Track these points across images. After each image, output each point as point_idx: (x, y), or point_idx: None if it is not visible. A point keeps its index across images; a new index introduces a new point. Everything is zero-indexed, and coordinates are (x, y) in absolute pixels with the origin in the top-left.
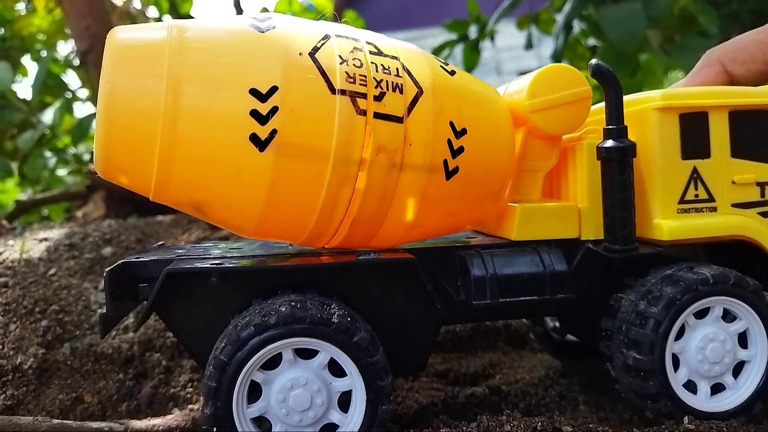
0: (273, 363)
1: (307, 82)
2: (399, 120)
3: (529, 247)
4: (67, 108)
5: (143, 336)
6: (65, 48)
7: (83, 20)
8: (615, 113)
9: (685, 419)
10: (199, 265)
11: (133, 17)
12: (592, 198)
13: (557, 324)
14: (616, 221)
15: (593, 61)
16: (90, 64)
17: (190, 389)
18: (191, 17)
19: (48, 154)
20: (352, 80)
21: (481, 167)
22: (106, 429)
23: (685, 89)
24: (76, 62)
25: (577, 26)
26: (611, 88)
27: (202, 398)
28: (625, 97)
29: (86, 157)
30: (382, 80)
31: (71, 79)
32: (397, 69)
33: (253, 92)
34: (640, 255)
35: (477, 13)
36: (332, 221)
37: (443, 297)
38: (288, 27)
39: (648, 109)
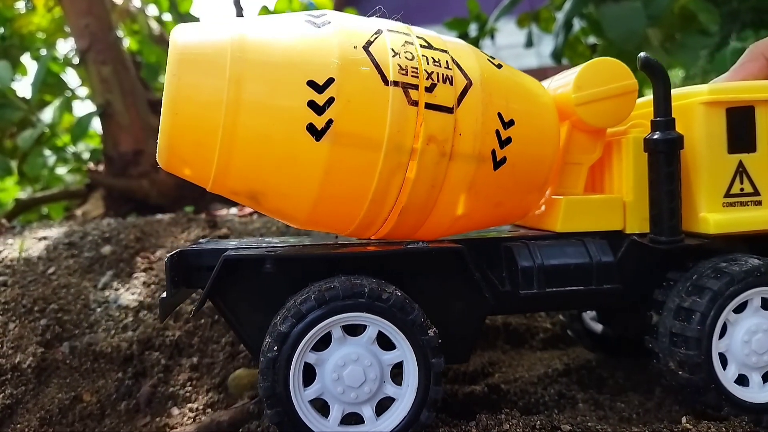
0: (323, 343)
1: (361, 74)
2: (449, 110)
3: (574, 239)
4: (66, 106)
5: (142, 335)
6: (65, 46)
7: (83, 19)
8: (663, 105)
9: (683, 419)
10: (254, 252)
11: (132, 16)
12: (637, 191)
13: (596, 320)
14: (663, 213)
15: (641, 54)
16: (89, 62)
17: (190, 388)
18: (192, 16)
19: (47, 152)
20: (404, 72)
21: (528, 158)
22: None
23: (732, 83)
24: (76, 60)
25: (578, 24)
26: (659, 80)
27: (259, 376)
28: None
29: (86, 155)
30: (432, 72)
31: (71, 77)
32: (447, 62)
33: (311, 84)
34: (685, 247)
35: (477, 11)
36: (382, 210)
37: (489, 287)
38: (342, 23)
39: (695, 103)
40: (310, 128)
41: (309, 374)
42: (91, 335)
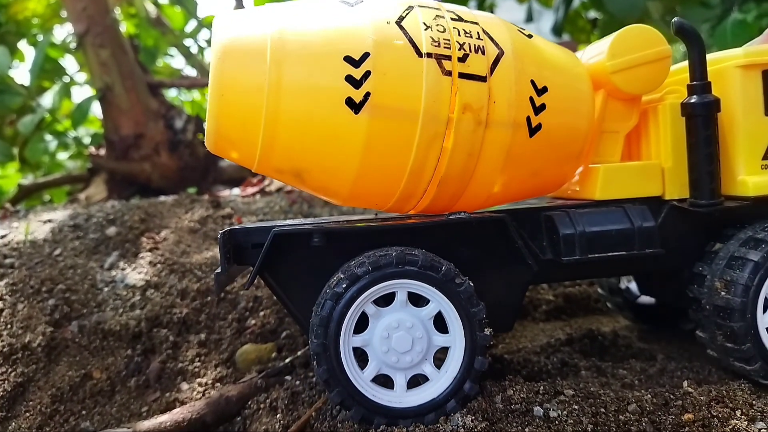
0: (387, 301)
1: (395, 47)
2: (483, 79)
3: (614, 205)
4: (65, 92)
5: (150, 313)
6: (62, 32)
7: (80, 2)
8: (699, 69)
9: (684, 383)
10: (302, 227)
11: (129, 0)
12: (676, 157)
13: (637, 290)
14: (702, 176)
15: (676, 19)
16: (87, 45)
17: (198, 363)
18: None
19: (48, 137)
20: (436, 44)
21: (563, 125)
22: None
23: (767, 46)
24: (74, 46)
25: None
26: (694, 44)
27: (312, 330)
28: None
29: (87, 140)
30: (464, 43)
31: (69, 63)
32: (478, 33)
33: (347, 59)
34: (725, 212)
35: None
36: (421, 181)
37: (531, 256)
38: (374, 1)
39: (730, 66)
40: (349, 102)
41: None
42: (99, 314)
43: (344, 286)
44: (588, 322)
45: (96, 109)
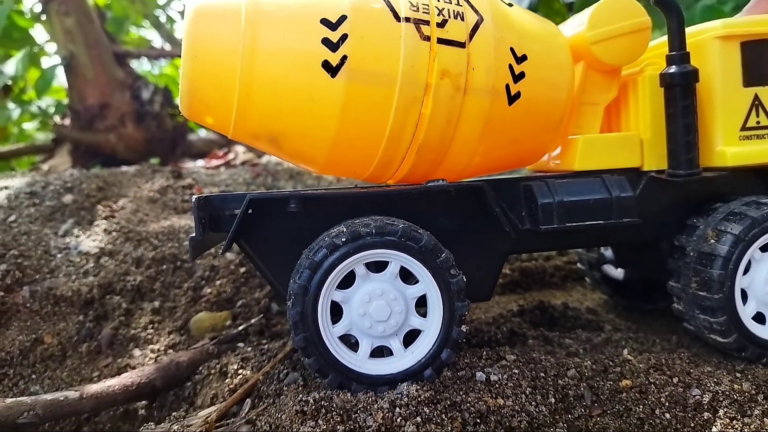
0: (348, 282)
1: (373, 10)
2: (461, 45)
3: (592, 176)
4: (31, 60)
5: (103, 280)
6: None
7: None
8: (677, 39)
9: (624, 351)
10: (278, 193)
11: None
12: (654, 128)
13: (614, 266)
14: (680, 146)
15: None
16: (52, 13)
17: (151, 331)
18: None
19: (11, 105)
20: (415, 8)
21: (542, 95)
22: (62, 398)
23: (746, 18)
24: (39, 11)
25: None
26: (673, 15)
27: (289, 326)
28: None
29: (51, 110)
30: (443, 8)
31: (39, 33)
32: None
33: (324, 22)
34: (703, 181)
35: None
36: (399, 147)
37: (510, 225)
38: None
39: (709, 38)
40: (326, 65)
41: (337, 310)
42: (52, 280)
43: (323, 254)
44: (542, 295)
45: (62, 79)
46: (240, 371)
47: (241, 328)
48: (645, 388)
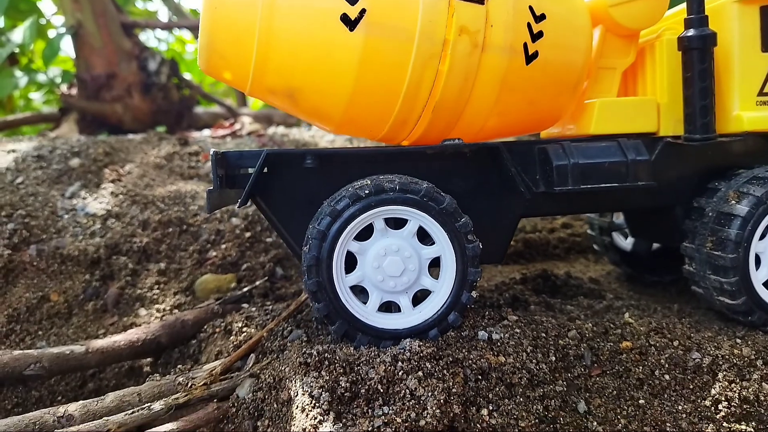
0: (366, 234)
1: None
2: (480, 1)
3: (608, 139)
4: (38, 29)
5: (110, 241)
6: None
7: None
8: (696, 2)
9: (626, 314)
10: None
11: None
12: (671, 93)
13: (626, 233)
14: (696, 110)
15: None
16: None
17: (157, 291)
18: None
19: (18, 74)
20: None
21: (560, 55)
22: (68, 352)
23: None
24: None
25: None
26: None
27: (302, 270)
28: None
29: (58, 80)
30: None
31: (47, 6)
32: None
33: None
34: (718, 146)
35: None
36: (416, 105)
37: (524, 186)
38: None
39: (728, 2)
40: (344, 18)
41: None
42: (59, 239)
43: (345, 204)
44: (545, 265)
45: (70, 49)
46: (244, 329)
47: (245, 289)
48: (645, 350)
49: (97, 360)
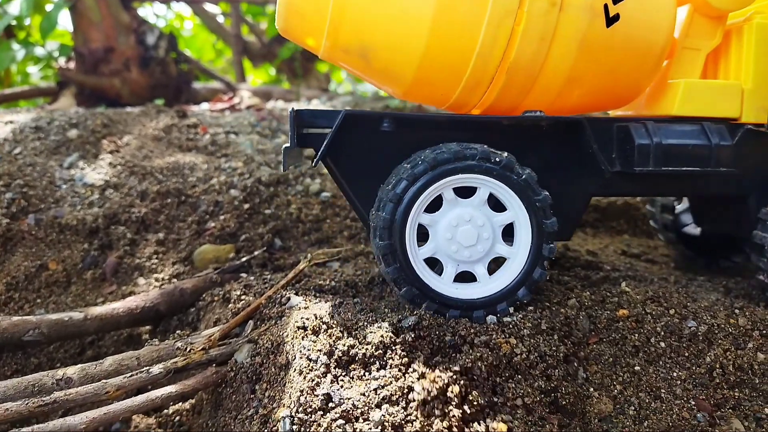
0: (436, 206)
1: None
2: None
3: (692, 121)
4: (36, 5)
5: (108, 210)
6: None
7: None
8: None
9: (623, 284)
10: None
11: None
12: (757, 79)
13: (689, 213)
14: None
15: None
16: None
17: (156, 260)
18: None
19: (16, 47)
20: None
21: (642, 21)
22: (66, 318)
23: None
24: None
25: None
26: None
27: (372, 233)
28: None
29: (56, 54)
30: None
31: None
32: None
33: None
34: None
35: None
36: (489, 66)
37: (604, 162)
38: None
39: None
40: None
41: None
42: (57, 209)
43: (423, 168)
44: None
45: (68, 23)
46: (243, 297)
47: (244, 259)
48: (641, 318)
49: (95, 327)
